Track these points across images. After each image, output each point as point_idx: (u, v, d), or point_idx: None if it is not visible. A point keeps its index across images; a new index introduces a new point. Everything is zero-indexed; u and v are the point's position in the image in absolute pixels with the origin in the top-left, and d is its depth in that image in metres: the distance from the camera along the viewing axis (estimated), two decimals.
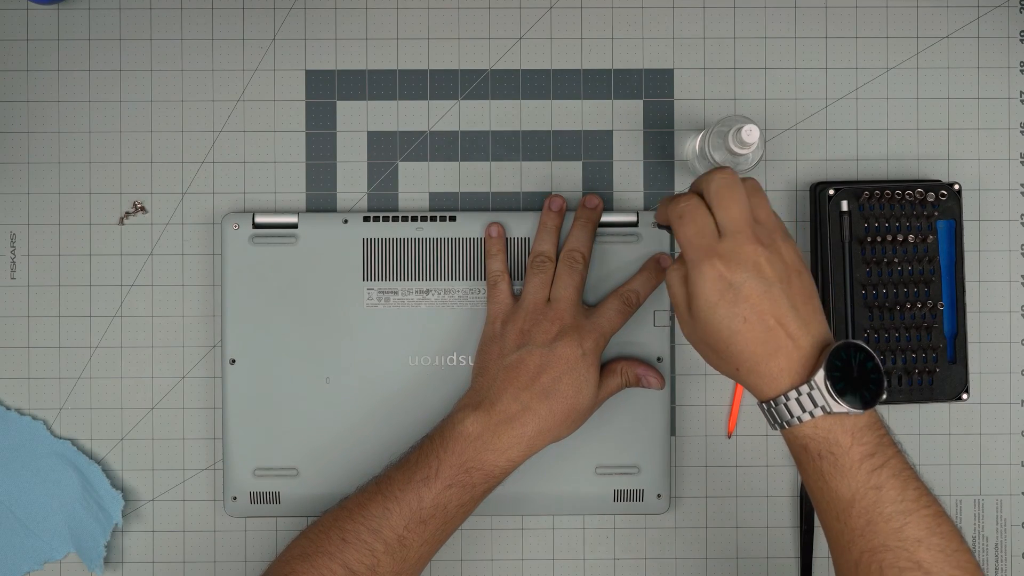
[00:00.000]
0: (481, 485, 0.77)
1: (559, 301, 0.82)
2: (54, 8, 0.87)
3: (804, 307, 0.71)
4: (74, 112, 0.88)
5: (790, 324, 0.70)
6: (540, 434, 0.78)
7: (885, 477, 0.68)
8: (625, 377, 0.84)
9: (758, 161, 0.81)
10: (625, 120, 0.88)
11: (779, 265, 0.71)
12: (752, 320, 0.70)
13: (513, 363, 0.80)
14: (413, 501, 0.76)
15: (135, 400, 0.87)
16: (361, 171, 0.88)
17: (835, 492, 0.69)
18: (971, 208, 0.88)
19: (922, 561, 0.67)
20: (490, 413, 0.78)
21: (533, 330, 0.81)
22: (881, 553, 0.68)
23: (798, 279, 0.71)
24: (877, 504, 0.68)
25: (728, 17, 0.88)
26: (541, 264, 0.84)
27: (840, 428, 0.69)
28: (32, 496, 0.86)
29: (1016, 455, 0.88)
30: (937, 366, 0.85)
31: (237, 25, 0.88)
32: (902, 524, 0.68)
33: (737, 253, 0.70)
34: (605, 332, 0.82)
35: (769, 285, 0.70)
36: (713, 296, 0.70)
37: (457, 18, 0.88)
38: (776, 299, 0.70)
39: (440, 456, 0.77)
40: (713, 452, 0.88)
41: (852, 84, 0.89)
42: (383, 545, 0.75)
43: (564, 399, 0.79)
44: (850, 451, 0.68)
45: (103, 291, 0.87)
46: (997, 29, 0.89)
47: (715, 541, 0.88)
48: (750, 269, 0.70)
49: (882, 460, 0.69)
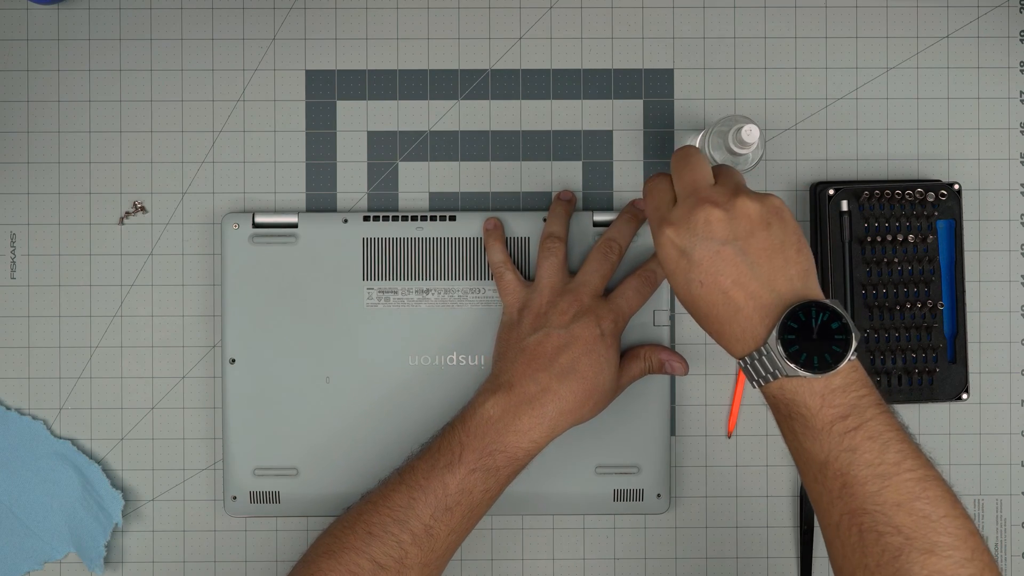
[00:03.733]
0: (505, 468, 0.76)
1: (582, 285, 0.81)
2: (54, 8, 0.87)
3: (769, 263, 0.68)
4: (74, 112, 0.88)
5: (749, 284, 0.67)
6: (561, 415, 0.77)
7: (860, 439, 0.66)
8: (648, 362, 0.83)
9: (758, 161, 0.81)
10: (625, 120, 0.88)
11: (735, 223, 0.68)
12: (707, 284, 0.68)
13: (531, 345, 0.79)
14: (438, 488, 0.75)
15: (135, 400, 0.87)
16: (361, 171, 0.88)
17: (809, 453, 0.67)
18: (971, 208, 0.88)
19: (901, 526, 0.64)
20: (509, 395, 0.77)
21: (550, 312, 0.80)
22: (859, 516, 0.65)
23: (764, 232, 0.68)
24: (851, 467, 0.66)
25: (728, 17, 0.88)
26: (551, 247, 0.83)
27: (807, 390, 0.67)
28: (32, 496, 0.86)
29: (1016, 455, 0.88)
30: (937, 366, 0.85)
31: (237, 25, 0.88)
32: (880, 487, 0.65)
33: (686, 217, 0.69)
34: (624, 312, 0.81)
35: (721, 244, 0.68)
36: (670, 264, 0.69)
37: (457, 18, 0.88)
38: (729, 259, 0.67)
39: (463, 441, 0.76)
40: (713, 452, 0.88)
41: (852, 84, 0.89)
42: (410, 536, 0.74)
43: (584, 379, 0.78)
44: (820, 413, 0.66)
45: (103, 291, 0.87)
46: (997, 29, 0.89)
47: (715, 541, 0.88)
48: (699, 231, 0.68)
49: (857, 422, 0.66)
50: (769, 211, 0.69)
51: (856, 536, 0.66)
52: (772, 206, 0.69)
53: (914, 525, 0.65)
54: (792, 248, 0.69)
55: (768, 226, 0.68)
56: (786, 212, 0.70)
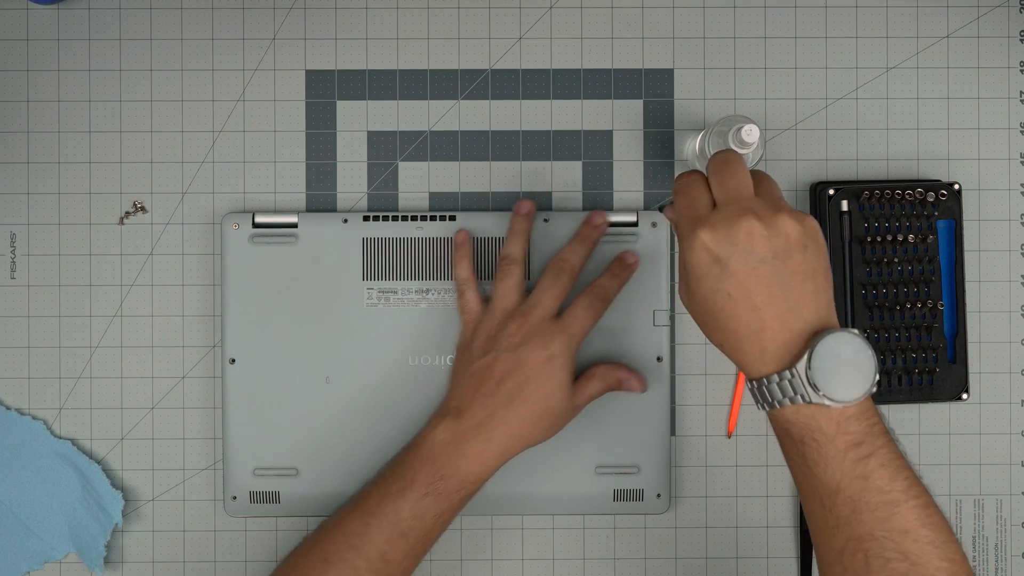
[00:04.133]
0: (457, 493, 0.77)
1: (533, 307, 0.80)
2: (54, 8, 0.87)
3: (800, 287, 0.67)
4: (74, 112, 0.88)
5: (779, 304, 0.66)
6: (510, 440, 0.78)
7: (873, 467, 0.66)
8: (605, 381, 0.82)
9: (758, 161, 0.81)
10: (625, 120, 0.88)
11: (776, 240, 0.67)
12: (737, 297, 0.67)
13: (479, 370, 0.79)
14: (391, 513, 0.75)
15: (135, 400, 0.87)
16: (361, 171, 0.88)
17: (819, 479, 0.67)
18: (971, 208, 0.88)
19: (909, 552, 0.65)
20: (459, 421, 0.78)
21: (500, 335, 0.79)
22: (867, 542, 0.66)
23: (800, 255, 0.67)
24: (864, 493, 0.66)
25: (728, 17, 0.88)
26: (507, 269, 0.82)
27: (824, 416, 0.66)
28: (32, 496, 0.86)
29: (1016, 455, 0.88)
30: (937, 366, 0.85)
31: (237, 25, 0.88)
32: (889, 514, 0.66)
33: (727, 225, 0.67)
34: (574, 333, 0.80)
35: (759, 262, 0.66)
36: (699, 269, 0.68)
37: (457, 18, 0.88)
38: (765, 277, 0.66)
39: (414, 466, 0.77)
40: (713, 452, 0.88)
41: (852, 84, 0.89)
42: (365, 562, 0.75)
43: (532, 403, 0.78)
44: (835, 440, 0.66)
45: (103, 291, 0.87)
46: (997, 29, 0.89)
47: (715, 541, 0.88)
48: (739, 243, 0.66)
49: (870, 450, 0.66)
50: (807, 233, 0.68)
51: (862, 562, 0.66)
52: (811, 228, 0.68)
53: (920, 552, 0.66)
54: (822, 276, 0.68)
55: (805, 249, 0.67)
56: (820, 236, 0.69)
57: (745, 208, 0.67)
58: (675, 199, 0.71)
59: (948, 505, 0.88)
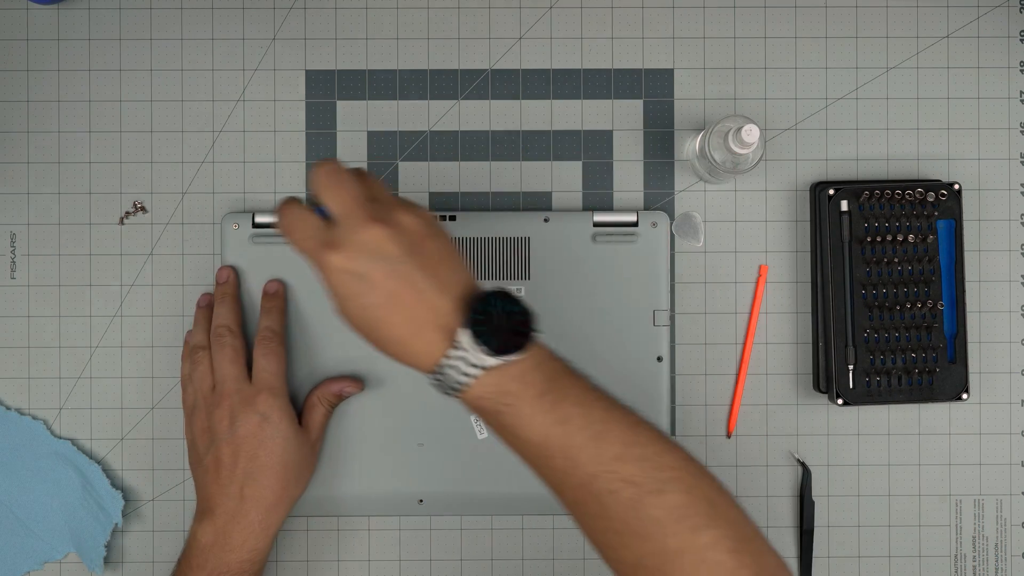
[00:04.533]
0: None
1: (223, 383, 0.81)
2: (54, 8, 0.87)
3: (441, 270, 0.67)
4: (74, 112, 0.88)
5: (429, 294, 0.66)
6: (269, 512, 0.80)
7: (567, 408, 0.66)
8: (326, 403, 0.84)
9: (758, 161, 0.81)
10: (625, 120, 0.88)
11: (403, 238, 0.66)
12: (388, 305, 0.66)
13: (210, 465, 0.80)
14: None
15: (135, 400, 0.87)
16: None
17: (526, 440, 0.67)
18: (971, 208, 0.88)
19: (629, 476, 0.65)
20: (214, 519, 0.79)
21: (212, 426, 0.81)
22: (592, 483, 0.66)
23: (431, 243, 0.67)
24: (568, 437, 0.66)
25: (728, 17, 0.88)
26: (195, 358, 0.84)
27: (505, 378, 0.66)
28: (32, 496, 0.86)
29: (1016, 455, 0.88)
30: (937, 366, 0.85)
31: (237, 25, 0.88)
32: (598, 448, 0.66)
33: (352, 239, 0.65)
34: (270, 385, 0.81)
35: (396, 263, 0.65)
36: (344, 290, 0.66)
37: (457, 18, 0.88)
38: (406, 276, 0.66)
39: (189, 575, 0.79)
40: (713, 452, 0.88)
41: (852, 84, 0.89)
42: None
43: (271, 469, 0.80)
44: (523, 396, 0.66)
45: (103, 291, 0.87)
46: (997, 29, 0.89)
47: None
48: (371, 253, 0.65)
49: (560, 394, 0.66)
50: (428, 223, 0.68)
51: (595, 504, 0.66)
52: (428, 217, 0.69)
53: (638, 471, 0.65)
54: (453, 255, 0.69)
55: (432, 237, 0.68)
56: (437, 221, 0.69)
57: (364, 217, 0.66)
58: (287, 235, 0.68)
59: (948, 505, 0.88)
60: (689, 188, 0.88)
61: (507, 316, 0.66)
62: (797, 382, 0.88)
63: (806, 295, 0.88)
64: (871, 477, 0.88)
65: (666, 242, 0.86)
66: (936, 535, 0.88)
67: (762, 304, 0.88)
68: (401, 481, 0.86)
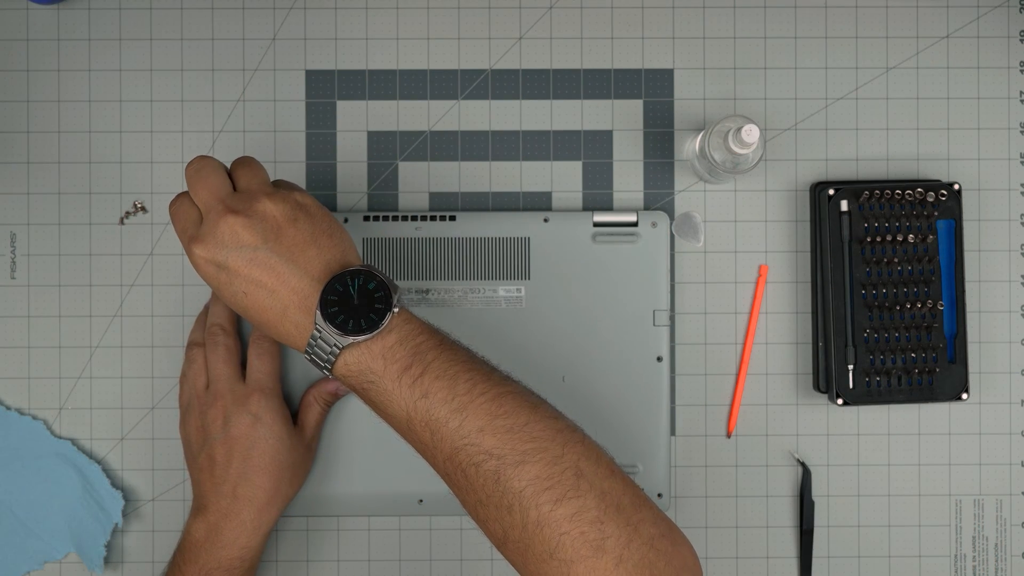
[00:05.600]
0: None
1: (216, 383, 0.82)
2: (54, 8, 0.87)
3: (303, 255, 0.69)
4: (74, 112, 0.88)
5: (289, 278, 0.69)
6: (261, 511, 0.80)
7: (429, 383, 0.67)
8: (321, 402, 0.84)
9: (758, 161, 0.81)
10: (625, 120, 0.88)
11: (261, 225, 0.69)
12: (252, 291, 0.69)
13: (203, 463, 0.81)
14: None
15: (135, 400, 0.87)
16: (361, 171, 0.88)
17: (393, 416, 0.68)
18: (971, 208, 0.88)
19: (491, 448, 0.65)
20: (207, 516, 0.80)
21: (206, 426, 0.81)
22: (456, 456, 0.66)
23: (292, 229, 0.70)
24: (431, 411, 0.67)
25: (728, 17, 0.88)
26: (185, 365, 0.84)
27: (368, 355, 0.68)
28: (32, 496, 0.86)
29: (1016, 455, 0.88)
30: (937, 366, 0.85)
31: (237, 25, 0.88)
32: (461, 421, 0.66)
33: (211, 232, 0.69)
34: (263, 385, 0.81)
35: (253, 251, 0.69)
36: (212, 281, 0.70)
37: (457, 18, 0.88)
38: (264, 262, 0.69)
39: (182, 569, 0.79)
40: (713, 452, 0.88)
41: (852, 84, 0.89)
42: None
43: (265, 470, 0.80)
44: (386, 372, 0.68)
45: (103, 291, 0.87)
46: (997, 29, 0.89)
47: (715, 541, 0.88)
48: (228, 243, 0.69)
49: (421, 368, 0.67)
50: (292, 207, 0.70)
51: (462, 476, 0.67)
52: (294, 202, 0.71)
53: (500, 443, 0.65)
54: (324, 236, 0.70)
55: (295, 222, 0.70)
56: (311, 204, 0.71)
57: (222, 210, 0.70)
58: (173, 224, 0.73)
59: (948, 505, 0.88)
60: (689, 188, 0.88)
61: (364, 294, 0.68)
62: (797, 382, 0.88)
63: (806, 295, 0.88)
64: (871, 477, 0.88)
65: (666, 242, 0.86)
66: (936, 535, 0.88)
67: (762, 304, 0.88)
68: (401, 481, 0.86)
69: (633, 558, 0.63)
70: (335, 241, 0.71)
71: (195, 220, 0.71)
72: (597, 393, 0.86)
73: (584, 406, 0.84)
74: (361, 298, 0.68)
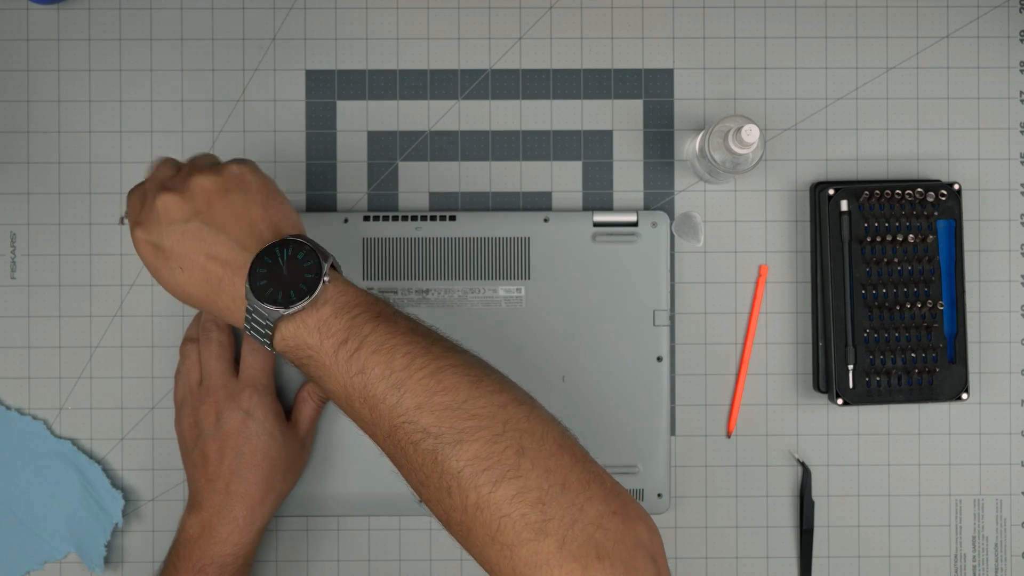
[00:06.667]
0: (223, 574, 0.79)
1: (207, 379, 0.81)
2: (54, 8, 0.87)
3: (236, 227, 0.68)
4: (74, 112, 0.88)
5: (222, 251, 0.68)
6: (254, 508, 0.80)
7: (365, 358, 0.64)
8: (315, 398, 0.84)
9: (758, 161, 0.81)
10: (625, 120, 0.88)
11: (192, 200, 0.69)
12: (186, 266, 0.69)
13: (197, 459, 0.81)
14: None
15: (135, 400, 0.87)
16: (361, 171, 0.88)
17: (332, 391, 0.66)
18: (971, 208, 0.88)
19: (428, 427, 0.62)
20: (200, 512, 0.80)
21: (199, 421, 0.81)
22: (395, 434, 0.64)
23: (223, 201, 0.69)
24: (367, 388, 0.64)
25: (728, 17, 0.88)
26: (181, 358, 0.84)
27: (303, 328, 0.66)
28: (32, 496, 0.86)
29: (1016, 455, 0.88)
30: (937, 366, 0.85)
31: (237, 25, 0.88)
32: (398, 397, 0.63)
33: (148, 212, 0.70)
34: (255, 379, 0.81)
35: (184, 224, 0.68)
36: (150, 262, 0.70)
37: (457, 18, 0.88)
38: (196, 234, 0.68)
39: (176, 564, 0.79)
40: (713, 452, 0.88)
41: (852, 84, 0.89)
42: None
43: (257, 467, 0.80)
44: (322, 347, 0.65)
45: (103, 291, 0.87)
46: (997, 29, 0.89)
47: (715, 541, 0.88)
48: (161, 220, 0.69)
49: (357, 342, 0.65)
50: (227, 180, 0.70)
51: (402, 455, 0.64)
52: (230, 174, 0.70)
53: (438, 421, 0.63)
54: (257, 207, 0.69)
55: (227, 193, 0.69)
56: (248, 176, 0.70)
57: (156, 191, 0.70)
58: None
59: (948, 505, 0.88)
60: (689, 188, 0.88)
61: (293, 264, 0.66)
62: (797, 382, 0.88)
63: (806, 295, 0.88)
64: (871, 477, 0.88)
65: (666, 242, 0.86)
66: (936, 535, 0.88)
67: (762, 304, 0.88)
68: (401, 481, 0.85)
69: (578, 539, 0.60)
70: (269, 212, 0.70)
71: (140, 208, 0.72)
72: (597, 393, 0.86)
73: (584, 406, 0.85)
74: (291, 269, 0.66)
